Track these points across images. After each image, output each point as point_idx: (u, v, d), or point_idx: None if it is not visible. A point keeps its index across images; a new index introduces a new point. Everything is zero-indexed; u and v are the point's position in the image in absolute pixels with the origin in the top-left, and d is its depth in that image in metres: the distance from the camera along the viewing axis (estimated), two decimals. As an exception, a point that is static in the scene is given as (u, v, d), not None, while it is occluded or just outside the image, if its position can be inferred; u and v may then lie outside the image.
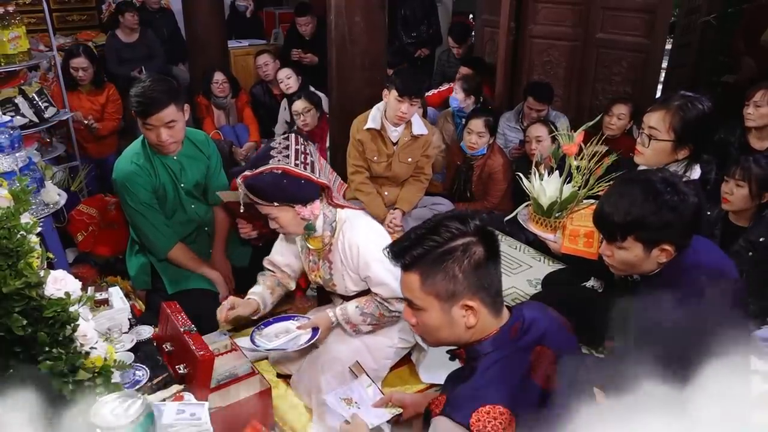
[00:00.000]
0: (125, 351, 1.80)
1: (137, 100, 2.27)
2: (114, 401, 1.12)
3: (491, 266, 1.28)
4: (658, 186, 1.52)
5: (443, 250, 1.27)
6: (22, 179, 1.43)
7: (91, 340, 1.35)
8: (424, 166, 3.36)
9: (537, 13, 4.60)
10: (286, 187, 1.94)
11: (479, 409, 1.22)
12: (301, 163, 1.98)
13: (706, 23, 4.26)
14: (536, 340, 1.33)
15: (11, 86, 3.19)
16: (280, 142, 2.03)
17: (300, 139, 2.07)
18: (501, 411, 1.21)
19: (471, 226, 1.28)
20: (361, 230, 2.05)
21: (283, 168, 1.94)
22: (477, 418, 1.21)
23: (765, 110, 3.03)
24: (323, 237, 2.10)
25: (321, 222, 2.08)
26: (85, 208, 3.15)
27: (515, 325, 1.34)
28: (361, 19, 3.29)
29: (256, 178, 1.95)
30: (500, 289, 1.33)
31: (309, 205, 2.01)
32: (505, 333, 1.32)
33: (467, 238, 1.27)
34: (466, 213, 1.33)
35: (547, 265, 3.12)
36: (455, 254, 1.26)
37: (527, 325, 1.35)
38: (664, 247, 1.53)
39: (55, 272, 1.32)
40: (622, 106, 3.69)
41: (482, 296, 1.28)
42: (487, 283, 1.28)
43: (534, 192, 2.13)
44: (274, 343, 2.04)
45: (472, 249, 1.26)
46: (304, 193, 1.99)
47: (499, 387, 1.25)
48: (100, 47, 5.51)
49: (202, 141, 2.61)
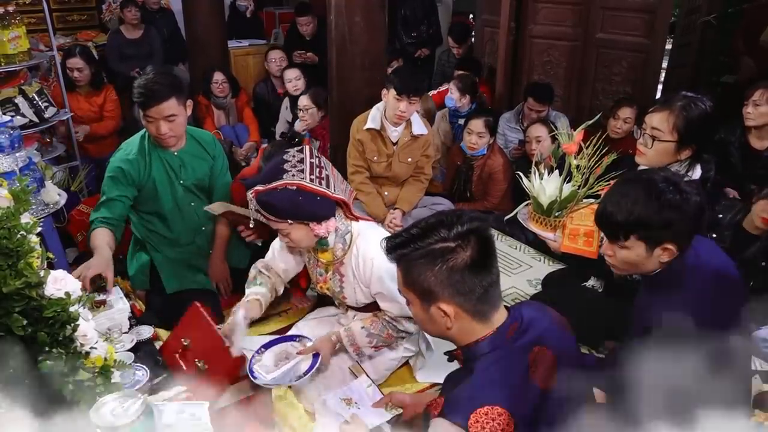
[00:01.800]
0: (125, 351, 1.81)
1: (139, 91, 2.29)
2: (114, 401, 1.12)
3: (472, 274, 1.26)
4: (660, 185, 1.52)
5: (423, 252, 1.28)
6: (22, 179, 1.43)
7: (91, 340, 1.35)
8: (424, 166, 3.36)
9: (537, 13, 4.60)
10: (302, 204, 1.83)
11: (477, 410, 1.21)
12: (316, 178, 1.87)
13: (706, 23, 4.25)
14: (534, 341, 1.33)
15: (11, 86, 3.19)
16: (294, 155, 1.90)
17: (314, 151, 1.96)
18: (500, 412, 1.20)
19: (453, 232, 1.27)
20: (373, 235, 1.97)
21: (298, 184, 1.82)
22: (475, 419, 1.21)
23: (764, 109, 3.03)
24: (335, 250, 2.02)
25: (333, 235, 1.99)
26: (85, 208, 3.15)
27: (513, 326, 1.33)
28: (361, 19, 3.29)
29: (270, 195, 1.83)
30: (488, 295, 1.30)
31: (324, 223, 1.91)
32: (503, 333, 1.32)
33: (448, 243, 1.26)
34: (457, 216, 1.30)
35: (547, 265, 3.12)
36: (433, 258, 1.26)
37: (525, 325, 1.34)
38: (666, 246, 1.53)
39: (55, 272, 1.32)
40: (627, 110, 3.64)
41: (459, 302, 1.28)
42: (466, 290, 1.27)
43: (534, 191, 2.13)
44: (273, 376, 1.87)
45: (451, 255, 1.26)
46: (321, 211, 1.88)
47: (497, 388, 1.25)
48: (100, 47, 5.51)
49: (208, 141, 2.62)
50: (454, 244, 1.26)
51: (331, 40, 3.38)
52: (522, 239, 3.36)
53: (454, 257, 1.25)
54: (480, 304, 1.29)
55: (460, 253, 1.26)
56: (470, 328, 1.32)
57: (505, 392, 1.24)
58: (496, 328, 1.32)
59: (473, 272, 1.26)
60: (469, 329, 1.32)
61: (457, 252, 1.26)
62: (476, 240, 1.28)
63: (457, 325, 1.31)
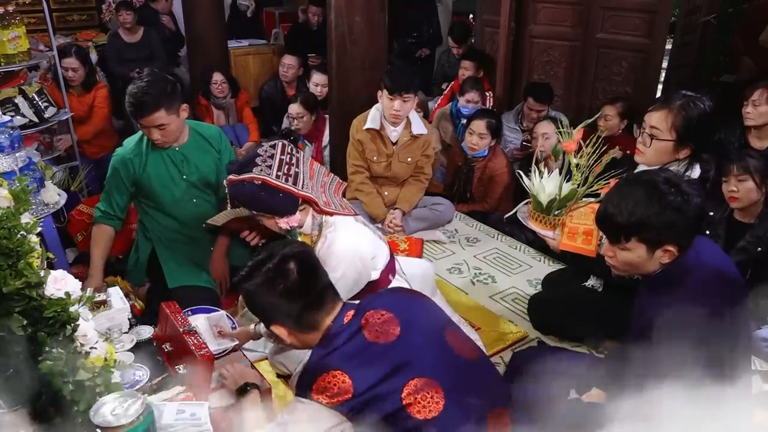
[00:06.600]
0: (125, 351, 1.80)
1: (129, 101, 2.34)
2: (114, 401, 1.12)
3: (289, 299, 1.47)
4: (662, 187, 1.51)
5: (250, 288, 1.51)
6: (22, 179, 1.43)
7: (91, 340, 1.35)
8: (424, 166, 3.36)
9: (537, 13, 4.59)
10: (264, 198, 1.95)
11: (317, 380, 1.41)
12: (283, 175, 1.97)
13: (706, 23, 4.26)
14: (368, 312, 1.50)
15: (11, 86, 3.19)
16: (266, 150, 2.01)
17: (287, 147, 2.05)
18: (334, 374, 1.40)
19: (260, 271, 1.48)
20: (343, 233, 2.03)
21: (262, 179, 1.93)
22: (315, 388, 1.41)
23: (763, 109, 3.02)
24: (312, 236, 2.12)
25: (309, 223, 2.10)
26: (85, 208, 3.15)
27: (348, 314, 1.50)
28: (361, 19, 3.29)
29: (237, 186, 1.97)
30: (309, 309, 1.48)
31: (287, 218, 2.01)
32: (339, 322, 1.49)
33: (265, 276, 1.47)
34: (269, 253, 1.51)
35: (547, 265, 3.12)
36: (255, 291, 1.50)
37: (362, 308, 1.51)
38: (667, 248, 1.53)
39: (55, 272, 1.32)
40: (608, 107, 3.79)
41: (282, 322, 1.49)
42: (284, 312, 1.48)
43: (534, 189, 2.13)
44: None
45: (258, 289, 1.49)
46: (283, 206, 1.98)
47: (329, 357, 1.43)
48: (100, 47, 5.51)
49: (213, 136, 2.63)
50: (273, 273, 1.47)
51: (331, 40, 3.39)
52: (522, 239, 3.36)
53: (275, 284, 1.46)
54: (301, 317, 1.48)
55: (278, 281, 1.46)
56: (307, 337, 1.51)
57: (335, 357, 1.43)
58: (331, 322, 1.49)
59: (291, 296, 1.46)
60: (307, 337, 1.51)
61: (276, 280, 1.46)
62: (295, 266, 1.47)
63: (295, 339, 1.52)
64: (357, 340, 1.45)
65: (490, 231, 3.50)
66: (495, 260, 3.19)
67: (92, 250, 2.53)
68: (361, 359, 1.42)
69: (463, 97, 4.15)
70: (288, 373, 2.27)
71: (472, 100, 4.12)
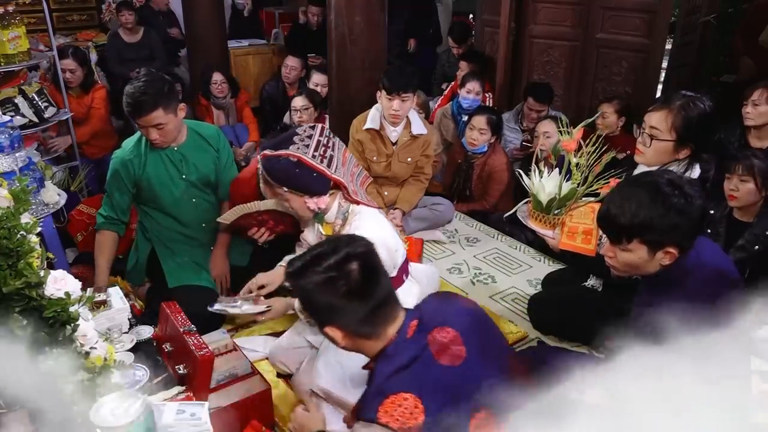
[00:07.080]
0: (125, 351, 1.80)
1: (127, 101, 2.34)
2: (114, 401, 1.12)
3: (350, 302, 1.34)
4: (665, 189, 1.51)
5: (307, 286, 1.36)
6: (22, 179, 1.43)
7: (91, 340, 1.35)
8: (424, 166, 3.36)
9: (537, 13, 4.59)
10: (298, 176, 1.97)
11: (384, 402, 1.28)
12: (319, 156, 2.00)
13: (706, 23, 4.26)
14: (434, 326, 1.39)
15: (11, 86, 3.19)
16: (305, 130, 2.05)
17: (326, 131, 2.09)
18: (404, 397, 1.27)
19: (333, 261, 1.34)
20: (369, 223, 2.05)
21: (299, 157, 1.96)
22: (384, 411, 1.28)
23: (763, 109, 3.02)
24: (335, 225, 2.12)
25: (335, 210, 2.11)
26: (85, 208, 3.15)
27: (412, 324, 1.40)
28: (361, 19, 3.29)
29: (272, 160, 1.98)
30: (370, 316, 1.36)
31: (316, 198, 2.03)
32: (403, 335, 1.38)
33: (330, 273, 1.33)
34: (333, 247, 1.38)
35: (547, 265, 3.12)
36: (313, 289, 1.36)
37: (427, 318, 1.41)
38: (668, 249, 1.53)
39: (55, 272, 1.32)
40: (605, 105, 3.78)
41: (340, 325, 1.37)
42: (345, 316, 1.36)
43: (534, 189, 2.13)
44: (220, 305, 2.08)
45: (333, 283, 1.34)
46: (315, 186, 2.01)
47: (396, 377, 1.31)
48: (100, 47, 5.51)
49: (211, 135, 2.64)
50: (335, 273, 1.33)
51: (331, 40, 3.39)
52: (522, 239, 3.36)
53: (329, 290, 1.33)
54: (363, 325, 1.37)
55: (340, 282, 1.32)
56: (364, 344, 1.41)
57: (404, 378, 1.31)
58: (395, 333, 1.39)
59: (353, 299, 1.34)
60: (364, 345, 1.41)
61: (338, 282, 1.32)
62: (358, 267, 1.34)
63: (351, 344, 1.41)
64: (426, 361, 1.33)
65: (490, 231, 3.51)
66: (495, 260, 3.20)
67: (97, 258, 2.52)
68: (431, 383, 1.31)
69: (464, 88, 4.16)
70: (288, 373, 2.27)
71: (473, 90, 4.12)
